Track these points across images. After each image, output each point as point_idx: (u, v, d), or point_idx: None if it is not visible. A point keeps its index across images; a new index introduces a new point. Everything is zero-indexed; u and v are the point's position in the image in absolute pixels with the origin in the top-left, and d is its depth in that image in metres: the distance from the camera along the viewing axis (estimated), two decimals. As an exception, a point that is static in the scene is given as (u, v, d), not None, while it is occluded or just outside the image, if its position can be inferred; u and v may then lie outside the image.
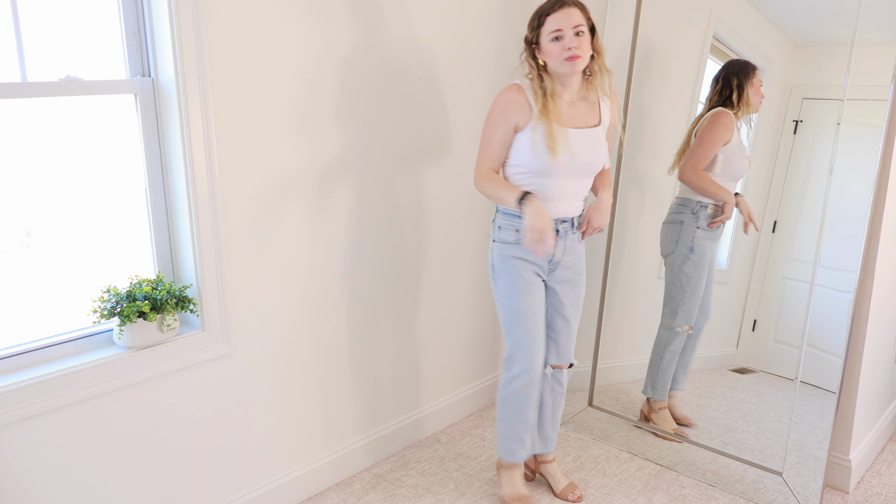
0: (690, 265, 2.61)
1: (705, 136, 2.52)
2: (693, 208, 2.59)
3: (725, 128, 2.50)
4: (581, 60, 2.01)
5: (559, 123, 2.05)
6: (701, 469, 2.60)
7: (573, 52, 1.98)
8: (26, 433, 1.75)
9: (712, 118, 2.53)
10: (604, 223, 2.20)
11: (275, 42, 2.06)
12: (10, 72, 1.72)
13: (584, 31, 2.00)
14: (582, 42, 1.99)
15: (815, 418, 2.41)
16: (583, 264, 2.29)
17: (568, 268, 2.23)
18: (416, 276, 2.69)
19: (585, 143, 2.09)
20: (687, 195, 2.60)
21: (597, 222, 2.19)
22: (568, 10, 1.99)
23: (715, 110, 2.53)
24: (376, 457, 2.67)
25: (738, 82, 2.50)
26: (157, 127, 1.97)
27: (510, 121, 2.08)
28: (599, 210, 2.18)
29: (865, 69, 2.22)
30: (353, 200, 2.38)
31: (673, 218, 2.64)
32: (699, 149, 2.53)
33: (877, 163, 2.22)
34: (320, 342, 2.40)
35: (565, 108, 2.08)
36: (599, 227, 2.20)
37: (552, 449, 2.48)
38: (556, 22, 1.99)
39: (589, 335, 2.98)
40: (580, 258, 2.27)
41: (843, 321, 2.31)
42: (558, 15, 1.99)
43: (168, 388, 2.01)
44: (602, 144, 2.15)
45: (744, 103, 2.50)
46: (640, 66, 2.75)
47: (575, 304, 2.30)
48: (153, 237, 2.03)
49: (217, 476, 2.19)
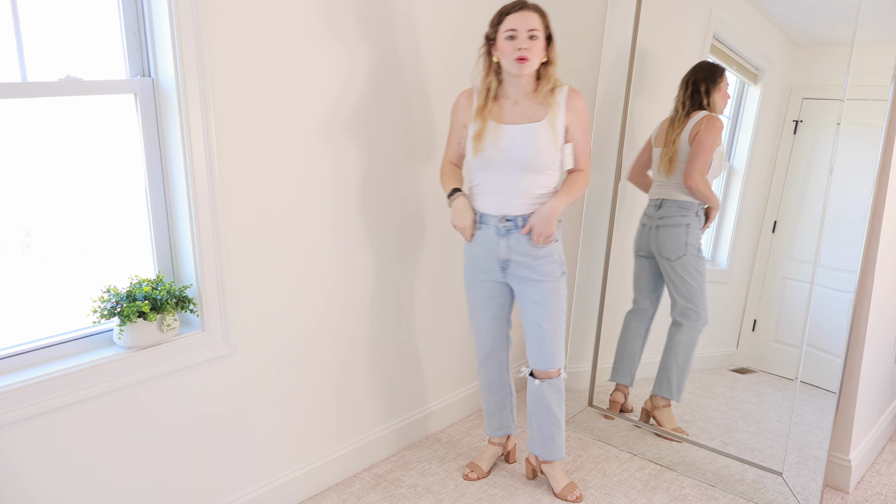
0: (702, 264, 2.67)
1: (706, 140, 2.54)
2: (696, 211, 2.63)
3: (720, 132, 2.56)
4: (529, 63, 2.10)
5: (497, 120, 2.17)
6: (701, 469, 2.60)
7: (522, 54, 2.08)
8: (26, 433, 1.75)
9: (709, 123, 2.55)
10: (544, 231, 2.17)
11: (274, 41, 2.06)
12: (10, 72, 1.72)
13: (538, 35, 2.09)
14: (534, 46, 2.09)
15: (815, 418, 2.41)
16: (551, 266, 2.24)
17: (525, 267, 2.24)
18: (417, 277, 2.69)
19: (518, 137, 2.15)
20: (687, 198, 2.62)
21: (537, 229, 2.17)
22: (526, 14, 2.09)
23: (707, 115, 2.57)
24: (376, 457, 2.67)
25: (706, 88, 2.56)
26: (157, 127, 1.97)
27: (460, 120, 2.27)
28: (539, 216, 2.17)
29: (865, 69, 2.22)
30: (354, 200, 2.39)
31: (677, 222, 2.66)
32: (703, 154, 2.56)
33: (877, 163, 2.22)
34: (321, 342, 2.40)
35: (509, 106, 2.19)
36: (541, 235, 2.18)
37: (549, 456, 2.43)
38: (513, 22, 2.09)
39: (589, 335, 2.99)
40: (542, 260, 2.23)
41: (843, 321, 2.31)
42: (516, 16, 2.09)
43: (168, 388, 2.01)
44: (539, 140, 2.15)
45: (711, 107, 2.57)
46: (640, 66, 2.75)
47: (537, 304, 2.25)
48: (153, 237, 2.03)
49: (217, 476, 2.19)
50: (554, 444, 2.41)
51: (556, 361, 2.32)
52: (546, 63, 2.15)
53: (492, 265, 2.28)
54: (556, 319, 2.28)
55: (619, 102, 2.81)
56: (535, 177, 2.18)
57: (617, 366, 2.91)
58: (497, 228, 2.23)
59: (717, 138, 2.54)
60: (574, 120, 2.19)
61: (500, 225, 2.22)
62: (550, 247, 2.23)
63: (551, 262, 2.24)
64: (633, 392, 2.93)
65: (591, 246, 2.95)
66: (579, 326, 3.02)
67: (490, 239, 2.25)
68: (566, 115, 2.18)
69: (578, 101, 2.20)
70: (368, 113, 2.36)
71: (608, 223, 2.87)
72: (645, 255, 2.77)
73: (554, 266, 2.25)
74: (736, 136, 2.68)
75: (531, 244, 2.21)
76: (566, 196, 2.20)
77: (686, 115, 2.60)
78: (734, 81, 2.66)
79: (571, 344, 3.04)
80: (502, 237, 2.23)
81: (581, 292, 2.99)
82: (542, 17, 2.12)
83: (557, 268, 2.26)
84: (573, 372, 3.05)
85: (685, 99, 2.59)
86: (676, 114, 2.62)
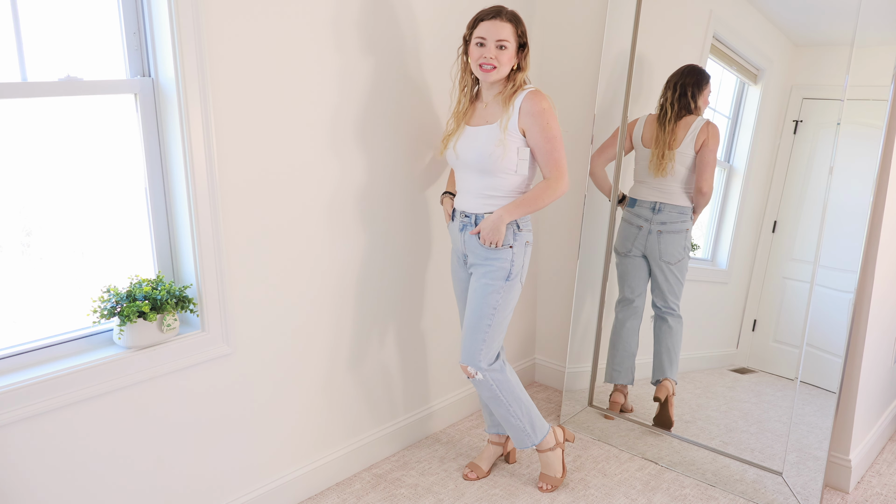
0: (687, 262, 2.74)
1: (715, 149, 2.61)
2: (691, 216, 2.69)
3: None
4: (495, 72, 2.13)
5: (466, 122, 2.24)
6: (701, 469, 2.60)
7: (488, 62, 2.11)
8: (26, 433, 1.75)
9: (713, 130, 2.60)
10: (489, 237, 2.18)
11: (275, 40, 2.06)
12: (10, 72, 1.72)
13: (507, 46, 2.12)
14: (501, 56, 2.12)
15: (815, 418, 2.41)
16: (497, 269, 2.22)
17: (475, 264, 2.29)
18: (417, 277, 2.69)
19: (472, 139, 2.20)
20: (686, 203, 2.67)
21: (483, 233, 2.20)
22: (499, 23, 2.11)
23: (707, 121, 2.61)
24: (376, 457, 2.67)
25: (693, 92, 2.60)
26: (157, 127, 1.97)
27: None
28: (487, 221, 2.20)
29: (865, 69, 2.22)
30: (355, 200, 2.39)
31: (679, 227, 2.69)
32: (714, 162, 2.63)
33: (877, 163, 2.22)
34: (320, 342, 2.40)
35: (480, 108, 2.25)
36: (486, 240, 2.20)
37: (521, 446, 2.42)
38: (484, 30, 2.12)
39: (589, 335, 2.99)
40: (491, 261, 2.22)
41: (843, 321, 2.31)
42: (489, 24, 2.12)
43: (168, 388, 2.01)
44: (487, 143, 2.16)
45: (698, 111, 2.61)
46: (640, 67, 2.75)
47: (471, 298, 2.28)
48: (153, 237, 2.03)
49: (217, 475, 2.19)
50: (520, 435, 2.41)
51: (471, 359, 2.28)
52: (517, 69, 2.18)
53: (459, 257, 2.37)
54: (481, 317, 2.25)
55: (618, 103, 2.81)
56: (488, 179, 2.20)
57: (616, 367, 2.91)
58: (461, 223, 2.30)
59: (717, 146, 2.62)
60: (530, 124, 2.15)
61: (462, 220, 2.29)
62: (504, 251, 2.22)
63: (499, 266, 2.23)
64: (633, 392, 2.93)
65: (591, 246, 2.95)
66: (579, 326, 3.02)
67: (455, 232, 2.35)
68: (520, 119, 2.15)
69: (536, 104, 2.13)
70: (369, 112, 2.36)
71: (608, 223, 2.87)
72: (635, 255, 2.78)
73: (501, 269, 2.23)
74: (736, 136, 2.67)
75: (480, 244, 2.25)
76: (519, 206, 2.18)
77: (676, 118, 2.61)
78: (734, 81, 2.66)
79: (571, 344, 3.04)
80: (461, 231, 2.31)
81: (581, 293, 2.99)
82: (515, 25, 2.14)
83: (504, 272, 2.23)
84: (573, 372, 3.05)
85: (673, 101, 2.62)
86: (665, 115, 2.64)
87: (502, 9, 2.15)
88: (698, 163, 2.61)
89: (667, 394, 2.81)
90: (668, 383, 2.79)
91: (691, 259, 2.75)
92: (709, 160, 2.60)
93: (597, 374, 2.98)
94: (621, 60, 2.78)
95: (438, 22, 2.52)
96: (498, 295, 2.24)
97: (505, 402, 2.35)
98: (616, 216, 2.87)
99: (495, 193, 2.22)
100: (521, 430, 2.41)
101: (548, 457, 2.48)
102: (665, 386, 2.81)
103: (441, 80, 2.57)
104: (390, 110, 2.43)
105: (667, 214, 2.69)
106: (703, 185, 2.62)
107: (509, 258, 2.23)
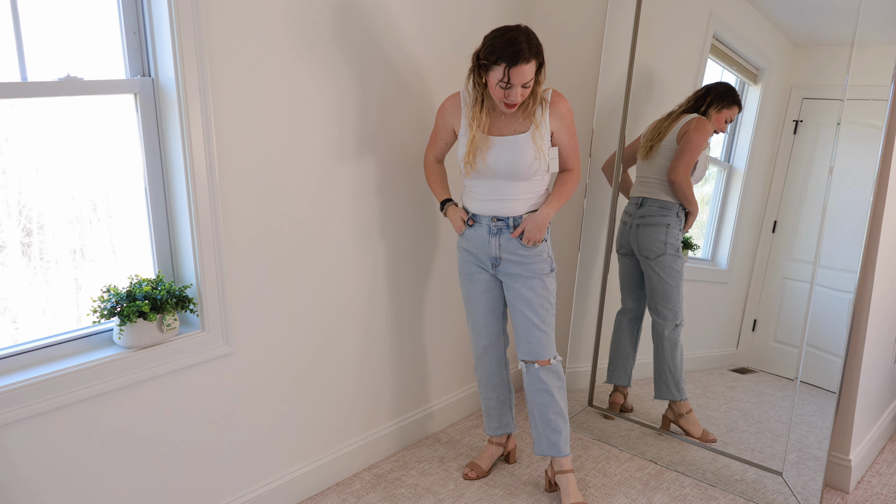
0: (680, 262, 2.69)
1: (694, 139, 2.56)
2: (677, 211, 2.65)
3: (708, 136, 2.59)
4: (517, 105, 2.12)
5: (486, 132, 2.19)
6: (701, 469, 2.60)
7: (513, 102, 2.09)
8: (26, 433, 1.75)
9: (699, 123, 2.57)
10: (535, 236, 2.24)
11: (275, 40, 2.06)
12: (10, 72, 1.72)
13: (531, 85, 2.08)
14: (526, 92, 2.09)
15: (815, 418, 2.41)
16: (540, 264, 2.28)
17: (515, 264, 2.28)
18: (418, 277, 2.69)
19: (507, 149, 2.18)
20: (668, 198, 2.64)
21: (528, 234, 2.24)
22: (524, 68, 2.03)
23: (698, 116, 2.58)
24: (376, 457, 2.67)
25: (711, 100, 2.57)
26: (157, 127, 1.97)
27: (448, 124, 2.31)
28: (533, 222, 2.24)
29: (865, 69, 2.22)
30: (355, 199, 2.39)
31: (657, 221, 2.67)
32: (691, 152, 2.57)
33: (877, 163, 2.22)
34: (320, 342, 2.40)
35: (499, 118, 2.20)
36: (532, 240, 2.24)
37: (554, 452, 2.37)
38: (510, 76, 2.03)
39: (589, 335, 2.99)
40: (532, 258, 2.27)
41: (843, 321, 2.31)
42: (514, 71, 2.02)
43: (168, 388, 2.01)
44: (524, 151, 2.17)
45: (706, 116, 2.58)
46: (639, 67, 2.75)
47: (525, 300, 2.29)
48: (153, 237, 2.03)
49: (217, 475, 2.19)
50: (560, 437, 2.36)
51: (547, 352, 2.33)
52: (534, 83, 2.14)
53: (484, 261, 2.33)
54: (545, 312, 2.31)
55: (618, 103, 2.81)
56: (523, 184, 2.23)
57: (612, 368, 2.91)
58: (489, 227, 2.28)
59: (704, 140, 2.58)
60: (558, 125, 2.21)
61: (491, 224, 2.27)
62: (542, 247, 2.29)
63: (541, 259, 2.29)
64: (633, 392, 2.93)
65: (590, 246, 2.95)
66: (579, 326, 3.02)
67: (482, 237, 2.30)
68: (550, 122, 2.20)
69: (562, 105, 2.20)
70: (369, 111, 2.36)
71: (608, 223, 2.87)
72: (626, 253, 2.79)
73: (543, 263, 2.30)
74: (736, 136, 2.68)
75: (521, 244, 2.25)
76: (557, 201, 2.27)
77: (680, 114, 2.61)
78: (734, 81, 2.66)
79: (571, 344, 3.04)
80: (493, 236, 2.28)
81: (581, 292, 2.99)
82: (537, 58, 2.05)
83: (547, 265, 2.30)
84: (573, 372, 3.05)
85: (693, 100, 2.61)
86: (675, 110, 2.63)
87: (523, 49, 2.01)
88: (676, 151, 2.60)
89: (673, 418, 2.79)
90: (676, 406, 2.77)
91: (691, 259, 2.74)
92: (683, 149, 2.57)
93: (596, 374, 2.98)
94: (621, 61, 2.78)
95: (442, 21, 2.52)
96: (552, 286, 2.33)
97: (563, 393, 2.37)
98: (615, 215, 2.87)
99: (530, 195, 2.25)
100: (559, 431, 2.36)
101: (569, 480, 2.38)
102: (671, 409, 2.80)
103: (441, 79, 2.57)
104: (391, 108, 2.43)
105: (647, 209, 2.69)
106: (671, 171, 2.59)
107: (546, 251, 2.30)
